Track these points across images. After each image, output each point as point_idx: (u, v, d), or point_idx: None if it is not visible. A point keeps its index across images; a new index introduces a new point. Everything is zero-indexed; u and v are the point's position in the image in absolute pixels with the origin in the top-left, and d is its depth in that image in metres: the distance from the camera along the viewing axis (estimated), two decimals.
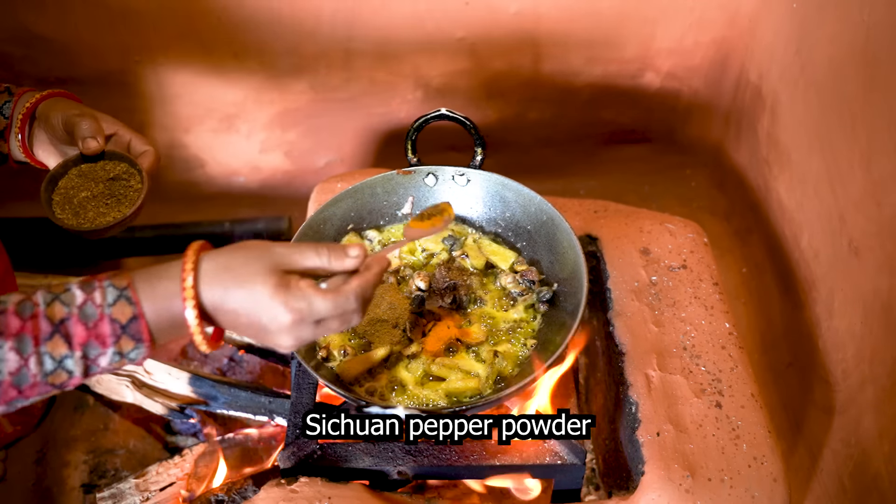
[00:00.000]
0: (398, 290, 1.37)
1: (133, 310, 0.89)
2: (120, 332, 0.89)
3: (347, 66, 2.05)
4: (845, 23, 1.52)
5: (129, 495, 1.47)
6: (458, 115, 1.37)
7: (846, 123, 1.52)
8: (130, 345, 0.90)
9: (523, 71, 2.10)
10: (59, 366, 0.87)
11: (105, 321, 0.88)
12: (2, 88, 1.24)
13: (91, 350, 0.88)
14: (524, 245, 1.43)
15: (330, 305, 0.94)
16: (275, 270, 0.92)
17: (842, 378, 1.53)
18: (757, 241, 2.03)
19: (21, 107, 1.21)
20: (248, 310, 0.91)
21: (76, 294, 0.89)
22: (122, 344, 0.89)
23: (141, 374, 1.62)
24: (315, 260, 0.96)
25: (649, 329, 1.46)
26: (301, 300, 0.92)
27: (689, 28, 2.04)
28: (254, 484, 1.43)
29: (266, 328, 0.93)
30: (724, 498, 1.24)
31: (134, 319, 0.89)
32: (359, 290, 0.96)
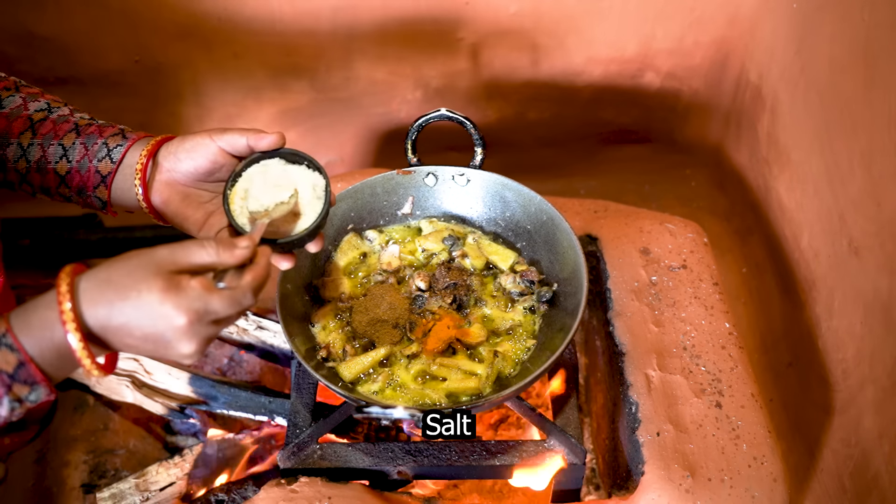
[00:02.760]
0: (398, 290, 1.37)
1: (17, 357, 0.83)
2: (10, 382, 0.84)
3: (347, 66, 2.05)
4: (845, 23, 1.52)
5: (129, 495, 1.47)
6: (458, 115, 1.37)
7: (846, 123, 1.52)
8: (25, 390, 0.85)
9: (523, 71, 2.10)
10: None
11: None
12: (115, 131, 1.15)
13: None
14: (524, 245, 1.43)
15: (227, 303, 0.89)
16: (160, 273, 0.86)
17: (842, 378, 1.53)
18: (757, 241, 2.03)
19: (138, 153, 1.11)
20: (140, 321, 0.85)
21: None
22: (16, 391, 0.84)
23: (141, 374, 1.62)
24: (203, 255, 0.90)
25: (649, 329, 1.46)
26: (195, 300, 0.87)
27: (689, 28, 2.04)
28: (254, 484, 1.43)
29: (162, 336, 0.87)
30: (724, 498, 1.24)
31: (21, 366, 0.84)
32: (254, 283, 0.92)
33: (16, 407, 0.85)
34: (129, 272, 0.86)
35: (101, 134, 1.13)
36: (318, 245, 1.12)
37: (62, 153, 1.13)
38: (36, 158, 1.13)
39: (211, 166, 1.09)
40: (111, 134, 1.13)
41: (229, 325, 0.94)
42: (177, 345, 0.88)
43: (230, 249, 0.92)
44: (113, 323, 0.86)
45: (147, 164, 1.10)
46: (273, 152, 1.10)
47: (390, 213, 1.47)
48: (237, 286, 0.91)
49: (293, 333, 1.25)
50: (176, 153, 1.09)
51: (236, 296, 0.91)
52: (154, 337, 0.87)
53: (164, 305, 0.85)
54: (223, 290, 0.90)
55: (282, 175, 1.10)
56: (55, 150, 1.13)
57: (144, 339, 0.87)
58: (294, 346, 1.22)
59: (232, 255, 0.92)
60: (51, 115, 1.16)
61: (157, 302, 0.85)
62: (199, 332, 0.88)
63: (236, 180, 1.08)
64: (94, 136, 1.13)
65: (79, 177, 1.13)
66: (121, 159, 1.11)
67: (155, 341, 0.88)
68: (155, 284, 0.85)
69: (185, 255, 0.89)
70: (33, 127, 1.14)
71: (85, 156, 1.13)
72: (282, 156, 1.10)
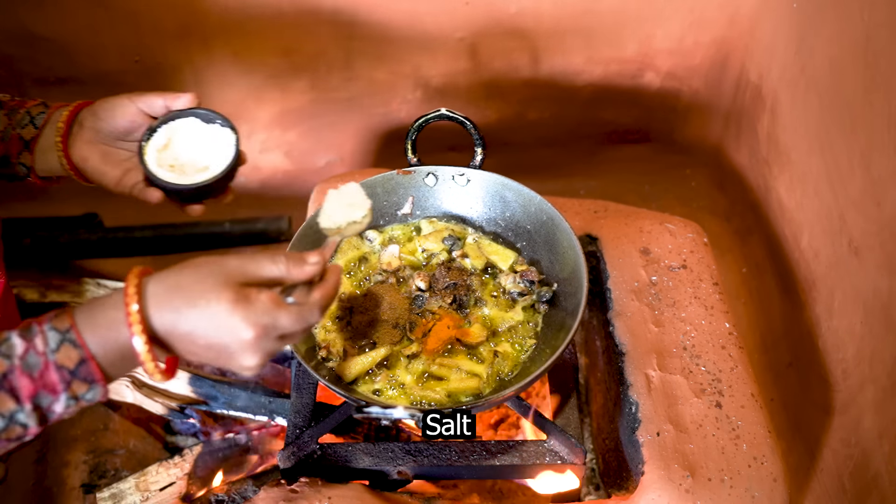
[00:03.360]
0: (398, 290, 1.37)
1: (80, 353, 0.83)
2: (69, 378, 0.83)
3: (347, 66, 2.05)
4: (845, 23, 1.52)
5: (128, 495, 1.47)
6: (458, 115, 1.37)
7: (846, 123, 1.52)
8: (84, 388, 0.85)
9: (523, 71, 2.10)
10: (11, 421, 0.83)
11: (51, 369, 0.83)
12: (37, 102, 1.20)
13: (42, 400, 0.83)
14: (524, 245, 1.43)
15: (294, 319, 0.89)
16: (230, 284, 0.86)
17: (842, 378, 1.53)
18: (757, 241, 2.03)
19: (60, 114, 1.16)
20: (206, 330, 0.85)
21: (15, 344, 0.83)
22: (74, 388, 0.84)
23: (141, 374, 1.62)
24: (273, 269, 0.90)
25: (649, 329, 1.46)
26: (264, 315, 0.87)
27: (689, 28, 2.04)
28: (254, 484, 1.43)
29: (227, 348, 0.87)
30: (724, 498, 1.24)
31: (82, 363, 0.84)
32: (323, 302, 0.93)
33: (71, 405, 0.85)
34: (199, 280, 0.86)
35: (23, 105, 1.19)
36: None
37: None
38: None
39: (129, 125, 1.15)
40: (34, 105, 1.19)
41: (294, 341, 0.93)
42: (240, 357, 0.88)
43: (300, 265, 0.92)
44: (179, 329, 0.86)
45: (69, 124, 1.16)
46: (188, 111, 1.17)
47: (390, 213, 1.47)
48: (305, 303, 0.91)
49: None
50: (96, 112, 1.15)
51: (304, 313, 0.90)
52: (218, 347, 0.87)
53: (233, 318, 0.85)
54: (291, 306, 0.90)
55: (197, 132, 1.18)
56: None
57: (208, 348, 0.87)
58: (294, 346, 1.22)
59: (301, 270, 0.92)
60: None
61: (226, 313, 0.85)
62: (264, 346, 0.88)
63: (151, 135, 1.15)
64: (16, 108, 1.19)
65: (2, 146, 1.17)
66: (44, 124, 1.17)
67: (219, 351, 0.87)
68: (224, 295, 0.85)
69: (255, 268, 0.90)
70: None
71: (8, 125, 1.17)
72: (197, 115, 1.18)
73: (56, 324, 0.84)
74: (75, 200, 2.08)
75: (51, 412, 0.85)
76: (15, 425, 0.83)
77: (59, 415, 0.85)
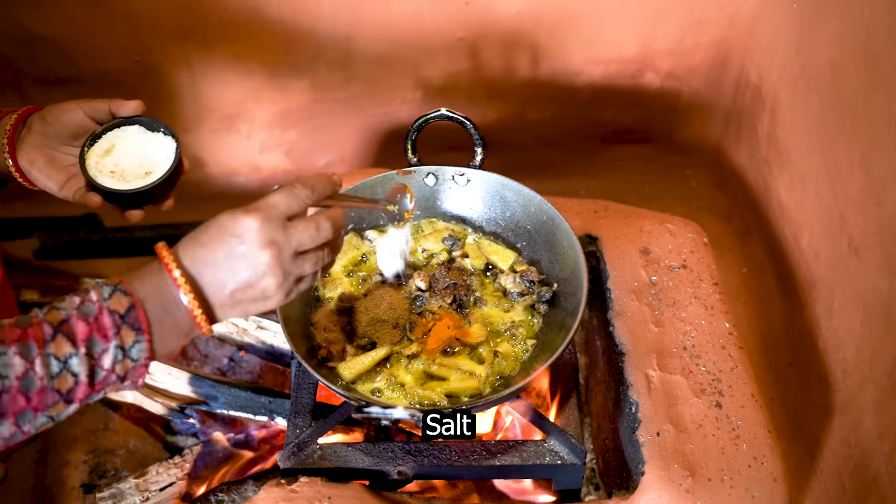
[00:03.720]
0: (398, 290, 1.37)
1: (129, 300, 0.89)
2: (120, 322, 0.88)
3: (347, 66, 2.05)
4: (845, 23, 1.52)
5: (129, 495, 1.47)
6: (458, 115, 1.37)
7: (846, 123, 1.52)
8: (131, 336, 0.89)
9: (523, 71, 2.10)
10: (65, 367, 0.86)
11: (104, 313, 0.88)
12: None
13: (95, 346, 0.87)
14: (524, 245, 1.43)
15: (304, 230, 0.94)
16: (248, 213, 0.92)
17: (842, 378, 1.53)
18: (757, 241, 2.03)
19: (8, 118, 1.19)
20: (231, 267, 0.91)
21: (73, 299, 0.89)
22: (122, 336, 0.88)
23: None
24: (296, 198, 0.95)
25: (649, 329, 1.46)
26: (273, 230, 0.91)
27: (689, 28, 2.04)
28: (254, 484, 1.43)
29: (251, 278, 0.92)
30: (724, 498, 1.24)
31: (132, 308, 0.89)
32: (332, 218, 0.97)
33: (118, 357, 0.89)
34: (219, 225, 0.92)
35: None
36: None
37: None
38: None
39: (76, 130, 1.19)
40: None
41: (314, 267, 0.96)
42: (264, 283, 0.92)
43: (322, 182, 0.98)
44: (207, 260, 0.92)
45: (16, 127, 1.18)
46: (134, 119, 1.20)
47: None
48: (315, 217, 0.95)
49: (293, 333, 1.25)
50: (44, 117, 1.18)
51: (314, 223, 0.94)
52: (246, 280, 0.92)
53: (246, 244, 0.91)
54: (300, 219, 0.94)
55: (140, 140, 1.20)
56: None
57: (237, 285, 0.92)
58: (294, 346, 1.22)
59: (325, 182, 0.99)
60: None
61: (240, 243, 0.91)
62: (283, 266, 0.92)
63: (95, 141, 1.18)
64: None
65: None
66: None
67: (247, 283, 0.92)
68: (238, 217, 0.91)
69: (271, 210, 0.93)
70: None
71: None
72: (141, 123, 1.21)
73: (108, 281, 0.91)
74: None
75: (99, 366, 0.88)
76: (67, 374, 0.86)
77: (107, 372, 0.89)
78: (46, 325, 0.86)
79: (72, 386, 0.87)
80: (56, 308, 0.88)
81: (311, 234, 0.95)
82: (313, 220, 0.95)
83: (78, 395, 0.88)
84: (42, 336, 0.85)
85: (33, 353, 0.85)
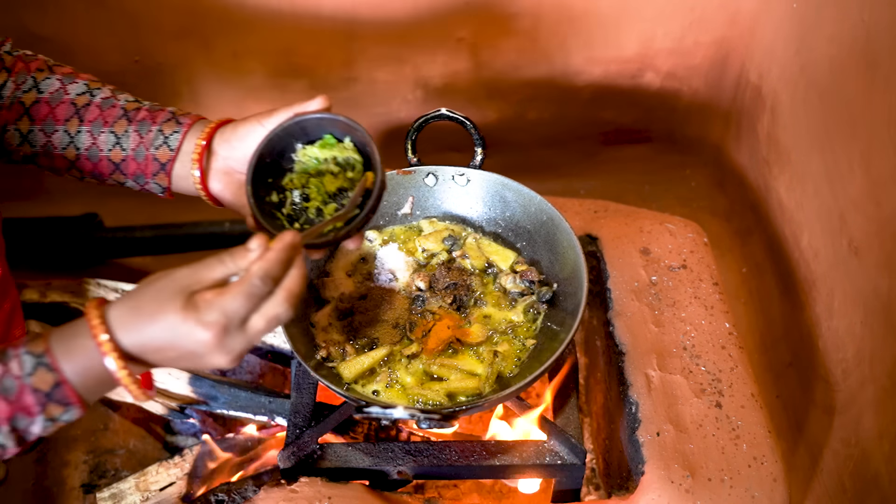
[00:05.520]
0: (398, 290, 1.37)
1: (54, 376, 0.85)
2: (45, 401, 0.85)
3: (347, 67, 2.05)
4: (845, 23, 1.52)
5: (128, 495, 1.47)
6: (458, 115, 1.37)
7: (846, 123, 1.52)
8: (59, 409, 0.86)
9: (523, 71, 2.10)
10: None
11: (26, 392, 0.85)
12: (166, 116, 1.16)
13: (19, 422, 0.85)
14: (524, 245, 1.43)
15: (239, 299, 0.86)
16: (180, 294, 0.86)
17: (842, 378, 1.53)
18: (757, 241, 2.03)
19: (195, 137, 1.14)
20: (171, 342, 0.86)
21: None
22: (50, 410, 0.86)
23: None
24: (220, 268, 0.89)
25: (649, 329, 1.46)
26: (211, 311, 0.85)
27: (689, 28, 2.04)
28: (254, 484, 1.43)
29: (194, 353, 0.88)
30: (724, 498, 1.24)
31: (57, 386, 0.85)
32: (260, 270, 0.87)
33: (49, 426, 0.87)
34: (152, 296, 0.87)
35: (153, 120, 1.15)
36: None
37: (115, 141, 1.15)
38: (86, 146, 1.15)
39: None
40: (164, 120, 1.15)
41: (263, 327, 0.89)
42: (211, 358, 0.88)
43: (244, 255, 0.89)
44: (150, 346, 0.87)
45: (203, 153, 1.12)
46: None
47: (390, 213, 1.47)
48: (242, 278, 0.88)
49: (293, 333, 1.25)
50: (229, 141, 1.12)
51: (243, 287, 0.86)
52: (188, 354, 0.88)
53: (187, 324, 0.85)
54: (230, 287, 0.87)
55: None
56: (107, 137, 1.15)
57: (180, 357, 0.89)
58: (294, 346, 1.22)
59: (246, 259, 0.89)
60: (93, 98, 1.18)
61: (181, 321, 0.85)
62: (228, 341, 0.87)
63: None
64: (146, 122, 1.15)
65: (135, 164, 1.15)
66: (178, 147, 1.14)
67: (190, 357, 0.88)
68: (176, 304, 0.86)
69: (205, 271, 0.88)
70: (79, 113, 1.16)
71: (140, 143, 1.15)
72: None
73: (31, 348, 0.86)
74: (75, 200, 2.08)
75: (28, 433, 0.87)
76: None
77: (37, 435, 0.87)
78: None
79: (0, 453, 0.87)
80: None
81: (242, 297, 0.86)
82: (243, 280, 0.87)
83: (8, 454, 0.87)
84: None
85: None
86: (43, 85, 1.18)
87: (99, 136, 1.15)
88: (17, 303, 1.34)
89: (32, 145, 1.17)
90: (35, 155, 1.18)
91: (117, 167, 1.16)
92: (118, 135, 1.15)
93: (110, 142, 1.15)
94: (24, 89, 1.18)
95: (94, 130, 1.15)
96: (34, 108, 1.16)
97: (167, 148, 1.14)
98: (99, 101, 1.17)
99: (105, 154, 1.15)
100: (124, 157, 1.15)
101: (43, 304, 1.68)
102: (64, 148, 1.16)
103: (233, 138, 1.12)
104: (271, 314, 0.89)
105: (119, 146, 1.15)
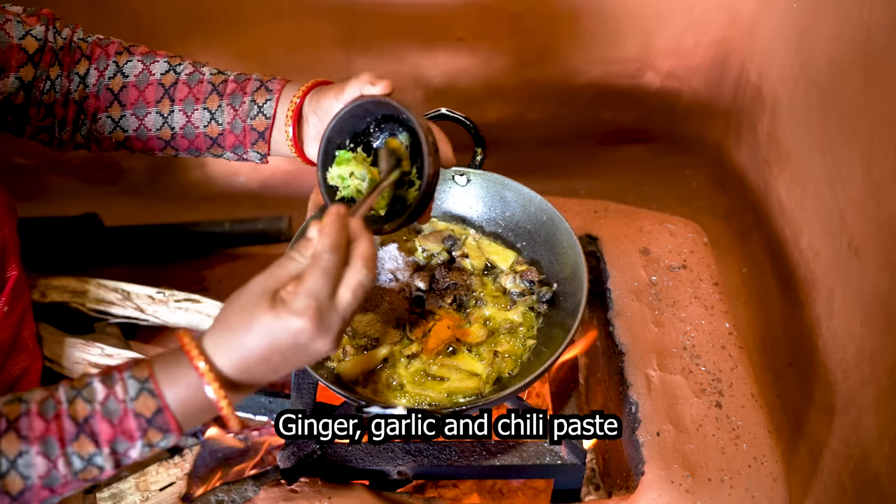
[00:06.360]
0: (398, 290, 1.37)
1: (157, 402, 0.86)
2: (146, 426, 0.86)
3: (347, 66, 2.05)
4: (845, 23, 1.52)
5: (128, 495, 1.47)
6: (458, 115, 1.37)
7: (846, 123, 1.52)
8: (158, 436, 0.87)
9: (523, 71, 2.10)
10: (89, 463, 0.85)
11: (129, 416, 0.86)
12: (255, 85, 1.18)
13: (119, 445, 0.86)
14: (524, 245, 1.43)
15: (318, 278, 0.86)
16: (264, 297, 0.87)
17: (842, 378, 1.53)
18: (757, 241, 2.03)
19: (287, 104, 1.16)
20: (271, 345, 0.86)
21: (97, 389, 0.86)
22: (149, 436, 0.87)
23: None
24: (292, 264, 0.89)
25: (649, 329, 1.46)
26: (298, 299, 0.85)
27: (689, 28, 2.04)
28: (254, 484, 1.43)
29: (297, 345, 0.87)
30: (724, 498, 1.24)
31: (158, 412, 0.86)
32: (324, 244, 0.87)
33: (146, 451, 0.88)
34: (240, 309, 0.87)
35: (243, 91, 1.18)
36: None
37: (210, 117, 1.18)
38: (181, 125, 1.18)
39: None
40: (254, 89, 1.18)
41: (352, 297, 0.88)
42: (314, 345, 0.88)
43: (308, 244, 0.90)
44: (252, 358, 0.87)
45: (295, 123, 1.16)
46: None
47: None
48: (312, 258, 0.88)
49: None
50: (315, 112, 1.14)
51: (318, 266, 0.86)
52: (292, 350, 0.87)
53: (281, 320, 0.85)
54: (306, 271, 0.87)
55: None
56: (201, 114, 1.17)
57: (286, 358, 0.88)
58: None
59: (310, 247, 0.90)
60: (178, 75, 1.19)
61: (274, 320, 0.85)
62: (325, 323, 0.87)
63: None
64: (237, 94, 1.18)
65: (233, 137, 1.18)
66: (273, 114, 1.16)
67: (295, 353, 0.88)
68: (263, 308, 0.86)
69: (280, 271, 0.89)
70: (168, 92, 1.18)
71: (235, 116, 1.17)
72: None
73: (136, 373, 0.87)
74: (75, 200, 2.08)
75: (126, 457, 0.87)
76: (92, 467, 0.86)
77: (134, 459, 0.88)
78: (69, 420, 0.85)
79: (97, 475, 0.87)
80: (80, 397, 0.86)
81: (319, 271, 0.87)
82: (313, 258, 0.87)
83: (104, 476, 0.88)
84: (64, 434, 0.84)
85: (55, 452, 0.84)
86: (126, 68, 1.19)
87: (193, 114, 1.17)
88: (28, 304, 1.34)
89: (125, 130, 1.19)
90: (127, 139, 1.20)
91: (214, 141, 1.19)
92: (212, 110, 1.17)
93: (205, 118, 1.17)
94: (109, 75, 1.19)
95: (186, 109, 1.17)
96: (123, 94, 1.18)
97: (263, 117, 1.17)
98: (185, 77, 1.19)
99: (202, 130, 1.18)
100: (221, 132, 1.18)
101: (43, 303, 1.68)
102: (159, 129, 1.18)
103: (318, 110, 1.14)
104: (354, 283, 0.89)
105: (214, 121, 1.18)
